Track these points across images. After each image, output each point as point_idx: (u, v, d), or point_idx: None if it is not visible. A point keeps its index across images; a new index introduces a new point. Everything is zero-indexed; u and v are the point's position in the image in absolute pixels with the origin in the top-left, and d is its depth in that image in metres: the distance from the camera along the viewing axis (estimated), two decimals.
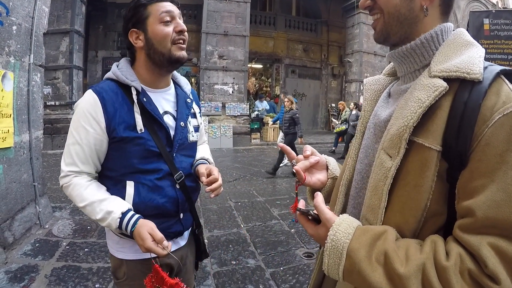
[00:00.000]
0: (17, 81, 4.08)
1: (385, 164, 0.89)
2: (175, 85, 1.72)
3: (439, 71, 0.85)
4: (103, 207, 1.42)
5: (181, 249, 1.71)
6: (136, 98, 1.47)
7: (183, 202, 1.61)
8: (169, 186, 1.56)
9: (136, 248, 1.53)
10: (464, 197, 0.78)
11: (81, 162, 1.47)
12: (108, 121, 1.43)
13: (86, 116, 1.44)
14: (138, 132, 1.46)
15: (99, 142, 1.46)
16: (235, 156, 12.14)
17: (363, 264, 0.81)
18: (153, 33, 1.48)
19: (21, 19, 4.14)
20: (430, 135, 0.82)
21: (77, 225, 4.81)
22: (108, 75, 1.55)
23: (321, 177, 1.28)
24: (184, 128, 1.63)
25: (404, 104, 0.89)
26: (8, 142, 3.84)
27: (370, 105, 1.15)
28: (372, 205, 0.93)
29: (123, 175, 1.50)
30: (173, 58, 1.51)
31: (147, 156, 1.50)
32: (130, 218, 1.40)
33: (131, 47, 1.56)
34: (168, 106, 1.63)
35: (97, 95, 1.44)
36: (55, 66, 11.79)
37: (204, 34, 14.09)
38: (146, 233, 1.36)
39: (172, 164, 1.56)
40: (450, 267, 0.73)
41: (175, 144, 1.58)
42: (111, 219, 1.40)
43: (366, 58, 17.09)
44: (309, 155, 1.25)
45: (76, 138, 1.46)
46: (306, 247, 4.38)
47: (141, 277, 1.55)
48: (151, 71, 1.56)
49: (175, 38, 1.50)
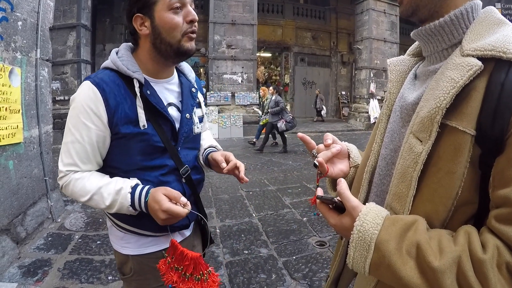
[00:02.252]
0: (24, 77, 4.08)
1: (415, 149, 0.83)
2: (179, 73, 1.61)
3: (473, 49, 0.78)
4: (111, 189, 1.32)
5: (187, 239, 1.67)
6: (139, 91, 1.34)
7: (189, 196, 1.53)
8: (175, 181, 1.48)
9: (141, 243, 1.50)
10: (500, 186, 0.72)
11: (82, 162, 1.36)
12: (110, 115, 1.31)
13: (86, 111, 1.31)
14: (141, 128, 1.35)
15: (102, 139, 1.35)
16: (246, 145, 12.12)
17: (393, 257, 0.75)
18: (161, 21, 1.33)
19: (26, 14, 4.12)
20: (464, 118, 0.76)
21: (89, 218, 4.85)
22: (107, 64, 1.41)
23: (343, 167, 1.21)
24: (190, 120, 1.53)
25: (435, 84, 0.82)
26: (18, 137, 3.85)
27: (396, 87, 1.08)
28: (399, 193, 0.87)
29: (126, 172, 1.40)
30: (181, 50, 1.38)
31: (152, 152, 1.40)
32: (141, 190, 1.32)
33: (135, 33, 1.41)
34: (172, 97, 1.52)
35: (97, 88, 1.31)
36: (63, 61, 11.86)
37: (212, 23, 14.05)
38: (160, 195, 1.26)
39: (178, 159, 1.47)
40: (488, 260, 0.68)
41: (180, 138, 1.49)
42: (122, 197, 1.30)
43: (375, 45, 16.86)
44: (330, 144, 1.17)
45: (76, 136, 1.33)
46: (319, 235, 4.35)
47: (149, 271, 1.52)
48: (156, 61, 1.43)
49: (186, 29, 1.36)
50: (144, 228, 1.48)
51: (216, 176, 7.24)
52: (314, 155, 1.15)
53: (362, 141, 12.55)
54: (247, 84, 14.66)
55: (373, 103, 16.04)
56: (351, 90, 20.39)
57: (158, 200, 1.25)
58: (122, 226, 1.49)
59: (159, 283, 1.56)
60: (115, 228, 1.53)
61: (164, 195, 1.26)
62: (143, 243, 1.50)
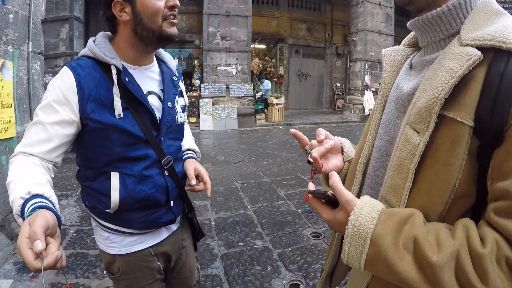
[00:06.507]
0: (16, 70, 4.03)
1: (411, 140, 0.81)
2: (159, 61, 1.57)
3: (472, 39, 0.77)
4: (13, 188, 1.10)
5: (174, 233, 1.65)
6: (116, 78, 1.30)
7: (172, 190, 1.51)
8: (157, 174, 1.44)
9: (127, 242, 1.49)
10: (499, 178, 0.71)
11: (40, 144, 1.24)
12: (82, 100, 1.26)
13: (57, 94, 1.26)
14: (117, 117, 1.30)
15: (67, 126, 1.27)
16: (240, 137, 12.12)
17: (390, 252, 0.74)
18: (143, 6, 1.30)
19: (18, 7, 4.06)
20: (463, 109, 0.75)
21: (84, 212, 4.81)
22: (84, 52, 1.37)
23: (337, 162, 1.19)
24: (172, 109, 1.49)
25: (433, 74, 0.81)
26: (10, 132, 3.81)
27: (391, 77, 1.06)
28: (395, 185, 0.85)
29: (106, 165, 1.36)
30: (163, 35, 1.35)
31: (132, 143, 1.36)
32: (32, 205, 1.01)
33: (113, 19, 1.37)
34: (153, 85, 1.48)
35: (72, 71, 1.27)
36: (56, 54, 11.72)
37: (206, 15, 13.94)
38: (25, 224, 0.89)
39: (160, 150, 1.43)
40: (487, 254, 0.67)
41: (162, 128, 1.44)
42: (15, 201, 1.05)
43: (370, 37, 16.81)
44: (323, 139, 1.14)
45: (41, 117, 1.25)
46: (314, 227, 4.37)
47: (137, 270, 1.51)
48: (136, 48, 1.39)
49: (166, 13, 1.33)
50: (129, 226, 1.46)
51: (211, 168, 7.25)
52: (307, 152, 1.13)
53: (356, 132, 12.60)
54: (242, 76, 14.60)
55: (368, 95, 16.04)
56: (345, 82, 20.37)
57: (21, 229, 0.87)
58: (107, 226, 1.47)
59: (148, 281, 1.56)
60: (99, 228, 1.51)
61: (39, 226, 0.86)
62: (129, 241, 1.49)
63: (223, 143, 10.93)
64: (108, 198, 1.37)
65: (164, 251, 1.59)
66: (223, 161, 8.27)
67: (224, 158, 8.58)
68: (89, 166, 1.41)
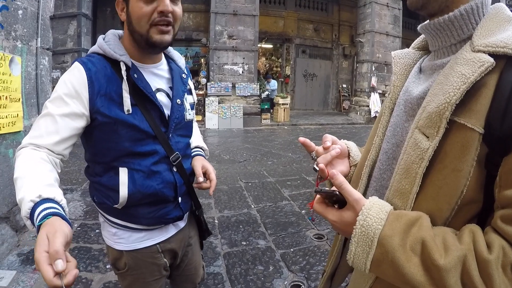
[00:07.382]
0: (25, 65, 4.06)
1: (420, 144, 0.81)
2: (168, 59, 1.57)
3: (484, 45, 0.77)
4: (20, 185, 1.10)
5: (182, 231, 1.66)
6: (125, 74, 1.32)
7: (181, 186, 1.51)
8: (166, 170, 1.45)
9: (134, 238, 1.49)
10: (507, 186, 0.71)
11: (49, 135, 1.24)
12: (92, 94, 1.27)
13: (67, 87, 1.27)
14: (126, 113, 1.32)
15: (78, 118, 1.27)
16: (246, 136, 12.11)
17: (397, 253, 0.73)
18: (132, 9, 1.29)
19: (27, 3, 4.09)
20: (473, 115, 0.74)
21: (88, 206, 4.85)
22: (94, 49, 1.39)
23: (343, 167, 1.18)
24: (181, 105, 1.50)
25: (444, 79, 0.80)
26: (18, 126, 3.84)
27: (400, 80, 1.06)
28: (402, 189, 0.85)
29: (115, 160, 1.37)
30: (150, 42, 1.32)
31: (140, 138, 1.37)
32: (43, 209, 1.02)
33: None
34: (161, 82, 1.48)
35: (83, 66, 1.29)
36: (63, 50, 11.82)
37: (213, 14, 13.95)
38: (43, 236, 0.91)
39: (168, 146, 1.44)
40: (493, 260, 0.67)
41: (171, 124, 1.45)
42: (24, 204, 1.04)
43: (378, 38, 16.71)
44: (329, 146, 1.13)
45: (50, 109, 1.26)
46: (317, 228, 4.36)
47: (144, 266, 1.52)
48: (136, 48, 1.39)
49: (155, 19, 1.28)
50: (137, 222, 1.47)
51: (216, 166, 7.24)
52: (314, 158, 1.13)
53: (362, 134, 12.54)
54: (248, 75, 14.60)
55: (374, 97, 15.97)
56: (352, 83, 20.28)
57: (38, 241, 0.91)
58: (115, 222, 1.48)
59: (154, 277, 1.57)
60: (107, 224, 1.51)
61: (60, 244, 0.88)
62: (137, 238, 1.49)
63: (228, 141, 10.94)
64: (116, 193, 1.37)
65: (171, 248, 1.59)
66: (228, 160, 8.28)
67: (229, 157, 8.59)
68: (97, 161, 1.42)
